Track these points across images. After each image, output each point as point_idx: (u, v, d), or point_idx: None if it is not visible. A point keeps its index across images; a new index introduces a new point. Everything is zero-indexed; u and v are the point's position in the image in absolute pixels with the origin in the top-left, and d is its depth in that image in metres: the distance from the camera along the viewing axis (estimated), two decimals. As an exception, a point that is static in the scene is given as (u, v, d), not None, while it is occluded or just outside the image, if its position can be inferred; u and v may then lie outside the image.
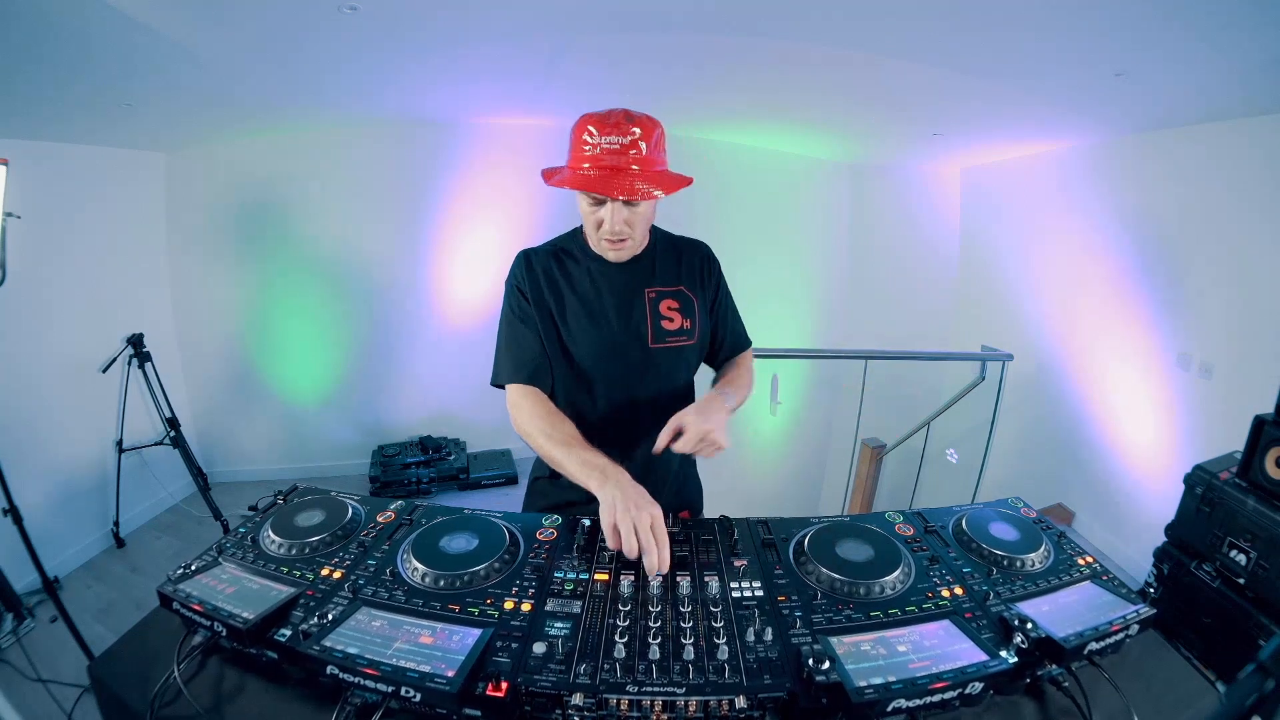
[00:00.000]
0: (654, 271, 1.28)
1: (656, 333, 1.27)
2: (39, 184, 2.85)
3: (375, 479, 3.99)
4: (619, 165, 1.08)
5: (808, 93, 3.07)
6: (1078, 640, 0.79)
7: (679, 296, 1.29)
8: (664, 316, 1.27)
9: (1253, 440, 1.77)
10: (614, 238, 1.16)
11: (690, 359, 1.34)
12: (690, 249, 1.36)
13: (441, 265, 4.21)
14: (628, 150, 1.08)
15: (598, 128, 1.08)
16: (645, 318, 1.26)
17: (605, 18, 2.16)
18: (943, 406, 3.42)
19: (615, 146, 1.07)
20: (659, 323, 1.26)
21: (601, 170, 1.08)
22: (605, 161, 1.08)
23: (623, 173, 1.08)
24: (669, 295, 1.28)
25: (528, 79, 2.96)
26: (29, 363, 3.00)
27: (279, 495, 1.18)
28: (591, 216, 1.16)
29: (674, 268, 1.31)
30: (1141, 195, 3.27)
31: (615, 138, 1.07)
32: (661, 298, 1.27)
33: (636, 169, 1.09)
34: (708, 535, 1.06)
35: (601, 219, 1.14)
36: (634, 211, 1.14)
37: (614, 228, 1.14)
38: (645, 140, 1.09)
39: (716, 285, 1.36)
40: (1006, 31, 2.06)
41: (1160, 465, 3.15)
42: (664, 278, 1.29)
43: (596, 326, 1.25)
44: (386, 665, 0.73)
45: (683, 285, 1.30)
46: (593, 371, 1.26)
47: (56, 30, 1.87)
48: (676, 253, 1.33)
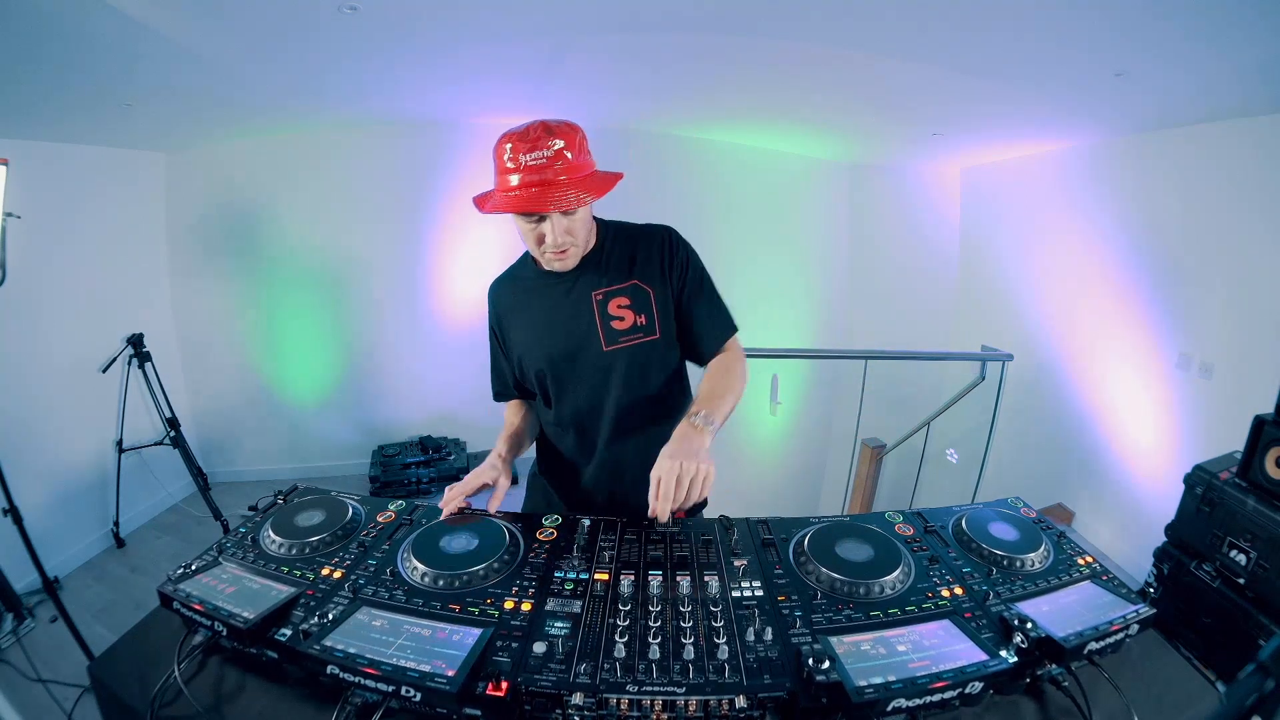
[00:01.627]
0: (601, 272, 1.24)
1: (609, 334, 1.23)
2: (39, 184, 2.85)
3: (375, 479, 3.99)
4: (546, 179, 1.06)
5: (808, 93, 3.07)
6: (1078, 640, 0.79)
7: (631, 292, 1.23)
8: (614, 316, 1.23)
9: (1253, 440, 1.77)
10: (558, 249, 1.14)
11: (660, 355, 1.27)
12: (646, 238, 1.27)
13: (442, 265, 4.21)
14: (553, 163, 1.06)
15: (518, 146, 1.06)
16: (594, 321, 1.23)
17: (605, 18, 2.16)
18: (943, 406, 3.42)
19: (541, 161, 1.05)
20: (609, 324, 1.23)
21: (530, 187, 1.06)
22: (533, 178, 1.06)
23: (553, 185, 1.06)
24: (618, 293, 1.23)
25: (528, 79, 2.96)
26: (29, 363, 3.00)
27: (279, 495, 1.18)
28: (532, 234, 1.14)
29: (625, 263, 1.24)
30: (1141, 195, 3.27)
31: (538, 153, 1.05)
32: (610, 297, 1.23)
33: (565, 179, 1.07)
34: (708, 535, 1.06)
35: (543, 234, 1.12)
36: (573, 220, 1.12)
37: (557, 240, 1.12)
38: (569, 149, 1.07)
39: (683, 270, 1.26)
40: (1006, 31, 2.06)
41: (1160, 465, 3.15)
42: (613, 275, 1.23)
43: (544, 341, 1.26)
44: (387, 665, 0.73)
45: (635, 279, 1.23)
46: (552, 384, 1.29)
47: (56, 30, 1.87)
48: (631, 245, 1.26)
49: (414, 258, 4.17)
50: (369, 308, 4.21)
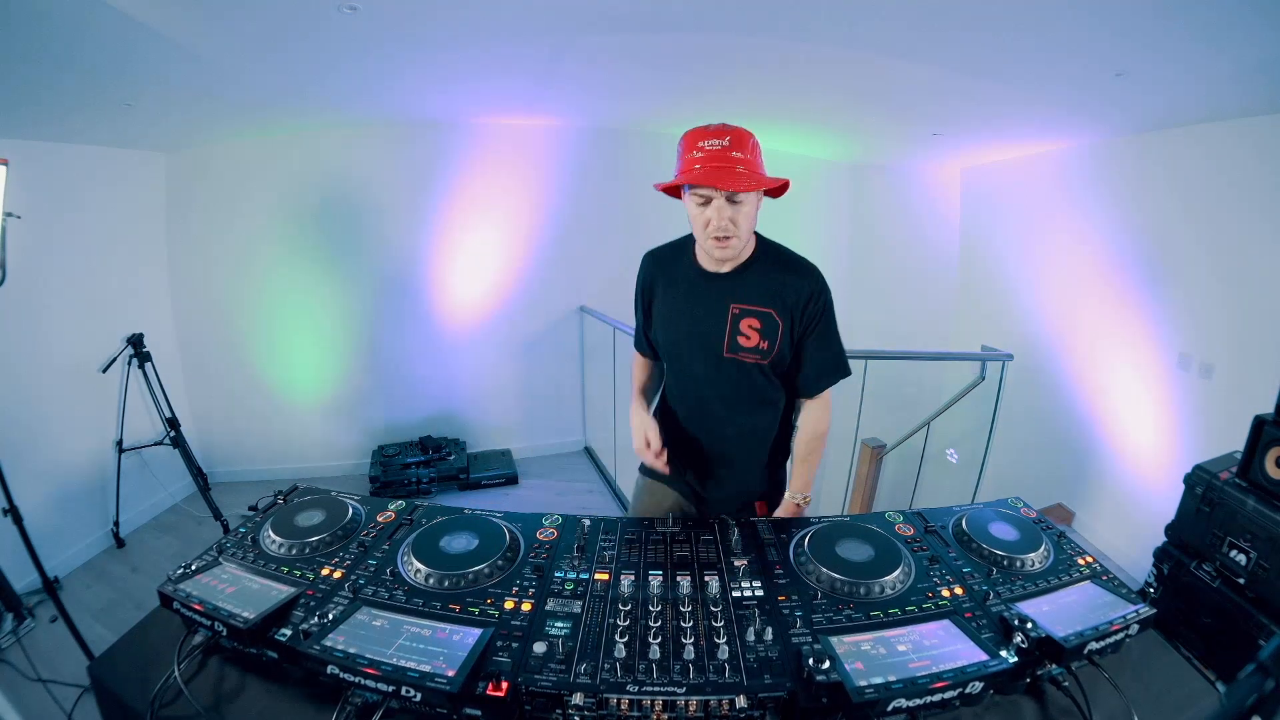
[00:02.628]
0: (746, 289, 1.33)
1: (732, 344, 1.34)
2: (39, 184, 2.85)
3: (375, 479, 3.99)
4: (722, 165, 1.18)
5: (808, 93, 3.06)
6: (1078, 640, 0.79)
7: (764, 318, 1.32)
8: (741, 333, 1.33)
9: (1253, 440, 1.77)
10: (720, 234, 1.22)
11: (767, 375, 1.37)
12: (799, 276, 1.34)
13: (442, 265, 4.21)
14: (730, 151, 1.19)
15: (700, 134, 1.21)
16: (724, 329, 1.34)
17: (605, 18, 2.16)
18: (943, 406, 3.42)
19: (718, 147, 1.19)
20: (736, 336, 1.33)
21: (709, 167, 1.18)
22: (710, 161, 1.18)
23: (726, 169, 1.18)
24: (753, 314, 1.32)
25: (528, 79, 2.96)
26: (29, 363, 2.99)
27: (279, 495, 1.18)
28: (700, 217, 1.24)
29: (772, 289, 1.32)
30: (1141, 195, 3.27)
31: (716, 140, 1.19)
32: (744, 315, 1.33)
33: (742, 169, 1.19)
34: (708, 535, 1.07)
35: (709, 218, 1.21)
36: (737, 209, 1.21)
37: (719, 223, 1.21)
38: (744, 146, 1.21)
39: (816, 319, 1.35)
40: (1006, 31, 2.06)
41: (1160, 465, 3.14)
42: (755, 297, 1.32)
43: (673, 326, 1.41)
44: (387, 665, 0.73)
45: (773, 309, 1.32)
46: (670, 363, 1.46)
47: (56, 30, 1.87)
48: (781, 273, 1.34)
49: (414, 257, 4.17)
50: (369, 307, 4.20)
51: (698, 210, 1.24)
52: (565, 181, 4.17)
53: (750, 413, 1.41)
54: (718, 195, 1.19)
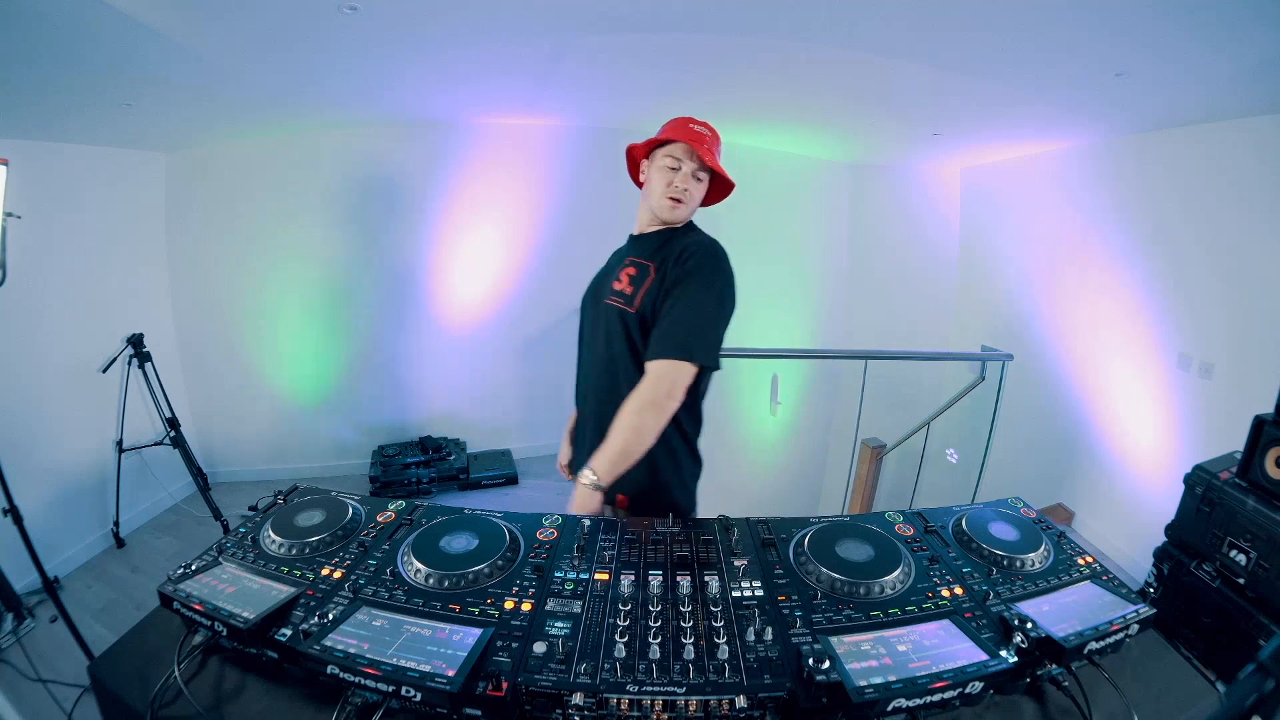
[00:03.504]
0: (646, 245, 1.41)
1: (607, 290, 1.39)
2: (39, 184, 2.85)
3: (375, 479, 3.99)
4: (704, 142, 1.34)
5: (808, 93, 3.07)
6: (1078, 640, 0.79)
7: (640, 268, 1.36)
8: (616, 278, 1.38)
9: (1253, 440, 1.77)
10: (677, 194, 1.34)
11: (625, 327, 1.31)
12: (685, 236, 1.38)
13: (442, 265, 4.21)
14: (712, 138, 1.37)
15: (689, 119, 1.37)
16: (609, 275, 1.42)
17: (605, 18, 2.16)
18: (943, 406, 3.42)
19: (704, 132, 1.36)
20: (611, 282, 1.39)
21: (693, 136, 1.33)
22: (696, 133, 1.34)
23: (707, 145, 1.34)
24: (633, 264, 1.38)
25: (528, 79, 2.96)
26: (29, 363, 3.00)
27: (279, 495, 1.18)
28: (664, 176, 1.35)
29: (660, 246, 1.38)
30: (1142, 195, 3.27)
31: (702, 127, 1.36)
32: (628, 264, 1.38)
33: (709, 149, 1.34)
34: (708, 535, 1.07)
35: (671, 179, 1.34)
36: (697, 183, 1.36)
37: (681, 184, 1.34)
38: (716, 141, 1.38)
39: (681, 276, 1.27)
40: (1006, 31, 2.06)
41: (1160, 465, 3.15)
42: (647, 251, 1.38)
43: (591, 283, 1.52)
44: (387, 665, 0.73)
45: (652, 261, 1.35)
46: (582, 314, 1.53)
47: (56, 30, 1.87)
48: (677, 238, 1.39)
49: (414, 257, 4.17)
50: (369, 307, 4.21)
51: (666, 171, 1.36)
52: (565, 181, 4.17)
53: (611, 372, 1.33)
54: (689, 163, 1.33)
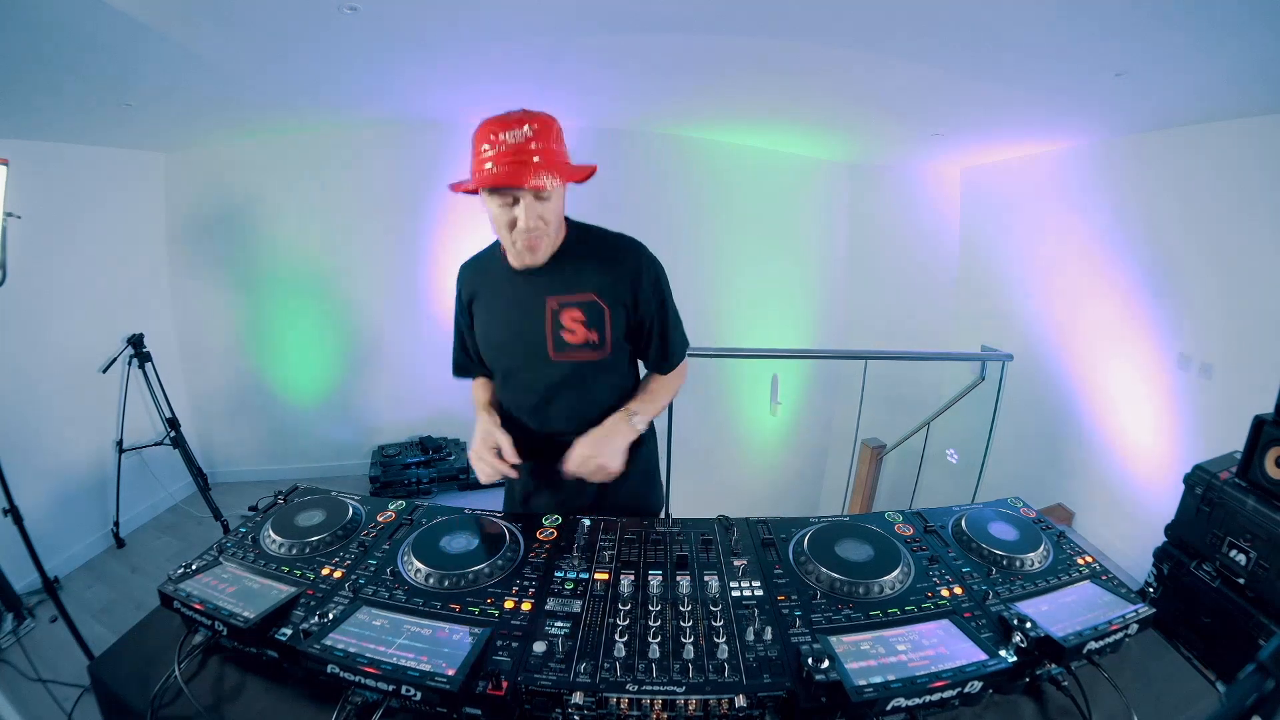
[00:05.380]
0: (562, 278, 1.22)
1: (557, 343, 1.23)
2: (39, 184, 2.85)
3: (375, 479, 3.99)
4: (522, 159, 1.06)
5: (808, 93, 3.07)
6: (1077, 640, 0.79)
7: (587, 308, 1.22)
8: (565, 328, 1.22)
9: (1253, 440, 1.77)
10: (531, 235, 1.13)
11: (606, 372, 1.27)
12: (621, 255, 1.25)
13: (442, 265, 4.20)
14: (529, 143, 1.07)
15: (496, 127, 1.08)
16: (544, 327, 1.22)
17: (605, 18, 2.16)
18: (943, 406, 3.42)
19: (519, 140, 1.06)
20: (559, 333, 1.22)
21: (509, 164, 1.07)
22: (508, 157, 1.06)
23: (527, 165, 1.06)
24: (573, 305, 1.22)
25: (528, 79, 2.96)
26: (29, 363, 3.00)
27: (279, 495, 1.18)
28: (504, 218, 1.13)
29: (590, 274, 1.22)
30: (1141, 195, 3.27)
31: (514, 132, 1.06)
32: (564, 307, 1.22)
33: (539, 160, 1.07)
34: (708, 535, 1.07)
35: (515, 218, 1.11)
36: (546, 205, 1.12)
37: (529, 223, 1.11)
38: (545, 134, 1.09)
39: (650, 298, 1.25)
40: (1006, 32, 2.06)
41: (1160, 465, 3.15)
42: (573, 285, 1.22)
43: (498, 335, 1.29)
44: (387, 664, 0.73)
45: (595, 294, 1.22)
46: (499, 378, 1.34)
47: (56, 30, 1.87)
48: (597, 256, 1.24)
49: (414, 257, 4.17)
50: (369, 307, 4.21)
51: (501, 211, 1.12)
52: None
53: (592, 418, 1.26)
54: (525, 194, 1.09)
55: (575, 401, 1.27)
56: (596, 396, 1.28)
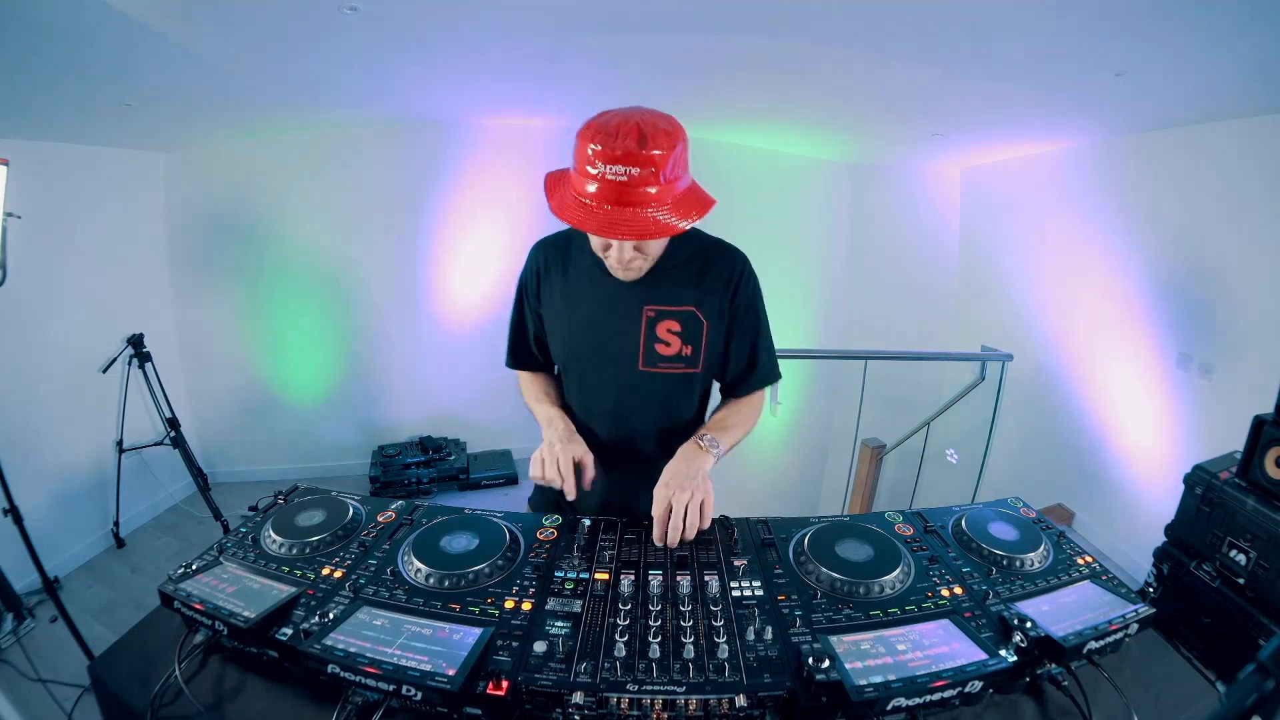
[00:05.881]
0: (661, 286, 1.13)
1: (649, 355, 1.15)
2: (39, 184, 2.85)
3: (375, 479, 3.99)
4: (629, 200, 0.92)
5: (808, 93, 3.07)
6: (1077, 639, 0.79)
7: (685, 319, 1.13)
8: (660, 340, 1.14)
9: (1252, 440, 1.77)
10: (624, 265, 1.06)
11: (693, 388, 1.22)
12: (722, 260, 1.16)
13: (442, 265, 4.21)
14: (638, 184, 0.91)
15: (602, 151, 0.90)
16: (638, 336, 1.14)
17: (605, 18, 2.16)
18: (943, 406, 3.43)
19: (623, 178, 0.90)
20: (653, 345, 1.14)
21: (606, 203, 0.92)
22: (612, 194, 0.92)
23: (630, 207, 0.92)
24: (671, 316, 1.13)
25: (528, 79, 2.96)
26: (29, 363, 3.00)
27: (279, 495, 1.18)
28: (599, 243, 1.04)
29: (691, 284, 1.14)
30: (1141, 195, 3.27)
31: (623, 168, 0.89)
32: (661, 318, 1.13)
33: (658, 202, 0.93)
34: (708, 535, 1.06)
35: (609, 245, 1.03)
36: (645, 243, 1.02)
37: (623, 258, 1.03)
38: (660, 166, 0.91)
39: (747, 308, 1.19)
40: (1007, 32, 2.06)
41: (1160, 465, 3.15)
42: (672, 295, 1.13)
43: (579, 334, 1.20)
44: (387, 664, 0.73)
45: (694, 305, 1.14)
46: (573, 379, 1.25)
47: (56, 30, 1.87)
48: (702, 264, 1.15)
49: (414, 257, 4.17)
50: (369, 307, 4.21)
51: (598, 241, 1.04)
52: (565, 182, 4.16)
53: (673, 431, 1.21)
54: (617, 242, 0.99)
55: (661, 414, 1.21)
56: (683, 409, 1.23)
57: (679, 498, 1.00)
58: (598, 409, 1.23)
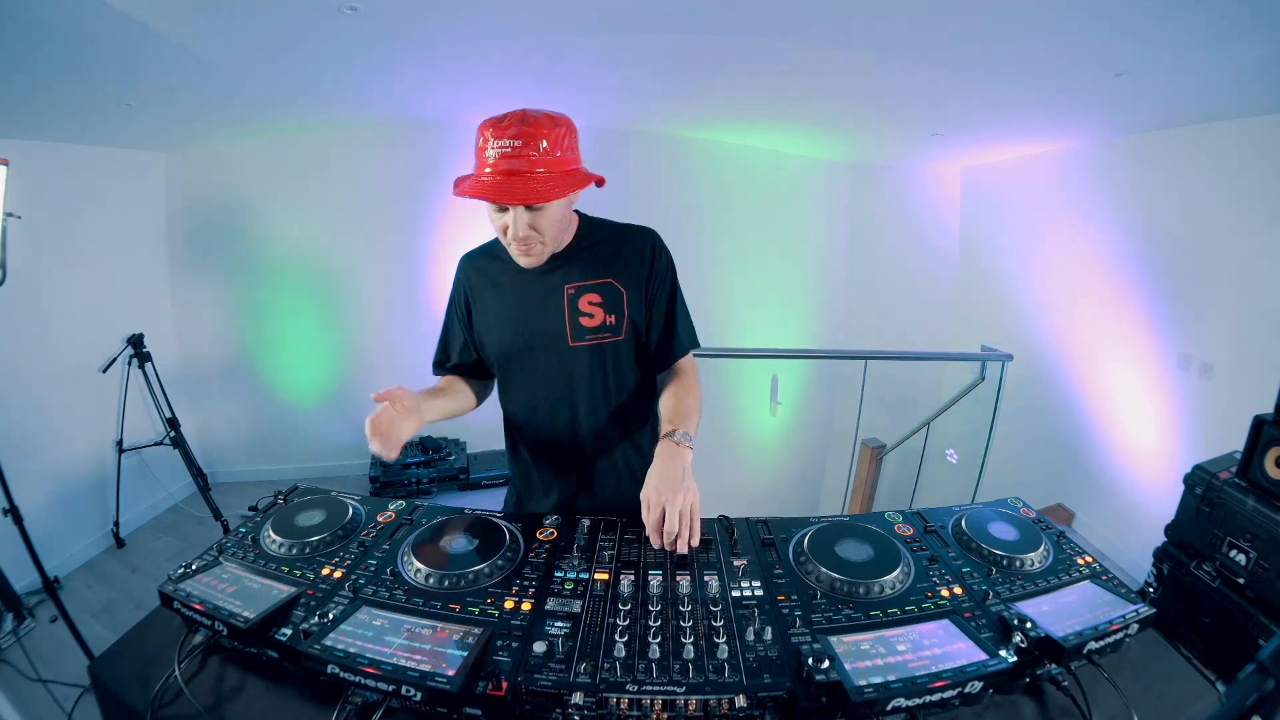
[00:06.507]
0: (578, 266, 1.22)
1: (575, 330, 1.21)
2: (39, 184, 2.85)
3: (375, 479, 3.99)
4: (515, 169, 1.03)
5: (808, 93, 3.07)
6: (1077, 640, 0.79)
7: (604, 289, 1.21)
8: (583, 313, 1.21)
9: (1252, 440, 1.77)
10: (519, 242, 1.11)
11: (625, 357, 1.26)
12: (633, 238, 1.26)
13: (442, 265, 4.20)
14: (524, 153, 1.03)
15: (493, 131, 1.04)
16: (563, 315, 1.21)
17: (605, 18, 2.16)
18: (943, 406, 3.43)
19: (509, 150, 1.03)
20: (578, 319, 1.21)
21: (499, 175, 1.04)
22: (502, 166, 1.03)
23: (519, 176, 1.03)
24: (591, 289, 1.21)
25: (528, 79, 2.96)
26: (29, 362, 3.00)
27: (279, 495, 1.18)
28: (497, 223, 1.11)
29: (606, 259, 1.22)
30: (1141, 195, 3.27)
31: (509, 141, 1.03)
32: (582, 293, 1.21)
33: (542, 171, 1.04)
34: (708, 535, 1.06)
35: (506, 224, 1.09)
36: (538, 215, 1.08)
37: (517, 233, 1.09)
38: (545, 138, 1.04)
39: (662, 278, 1.25)
40: (1007, 32, 2.06)
41: (1160, 465, 3.15)
42: (589, 271, 1.21)
43: (505, 326, 1.26)
44: (387, 664, 0.73)
45: (611, 277, 1.21)
46: (514, 371, 1.29)
47: (56, 30, 1.87)
48: (615, 243, 1.24)
49: (414, 257, 4.17)
50: (369, 307, 4.21)
51: (495, 215, 1.10)
52: (565, 182, 4.16)
53: (615, 408, 1.27)
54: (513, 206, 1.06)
55: (600, 389, 1.25)
56: (621, 382, 1.27)
57: (672, 501, 1.01)
58: (541, 395, 1.28)
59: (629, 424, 1.30)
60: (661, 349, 1.28)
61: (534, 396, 1.28)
